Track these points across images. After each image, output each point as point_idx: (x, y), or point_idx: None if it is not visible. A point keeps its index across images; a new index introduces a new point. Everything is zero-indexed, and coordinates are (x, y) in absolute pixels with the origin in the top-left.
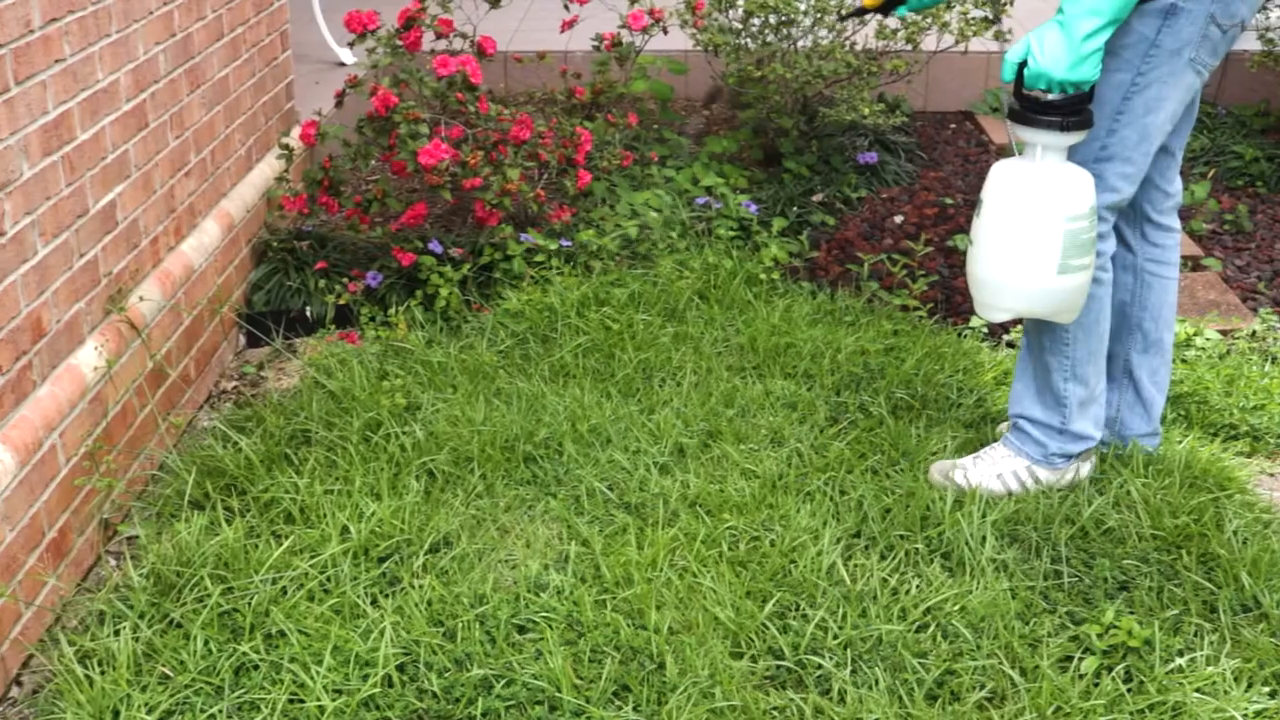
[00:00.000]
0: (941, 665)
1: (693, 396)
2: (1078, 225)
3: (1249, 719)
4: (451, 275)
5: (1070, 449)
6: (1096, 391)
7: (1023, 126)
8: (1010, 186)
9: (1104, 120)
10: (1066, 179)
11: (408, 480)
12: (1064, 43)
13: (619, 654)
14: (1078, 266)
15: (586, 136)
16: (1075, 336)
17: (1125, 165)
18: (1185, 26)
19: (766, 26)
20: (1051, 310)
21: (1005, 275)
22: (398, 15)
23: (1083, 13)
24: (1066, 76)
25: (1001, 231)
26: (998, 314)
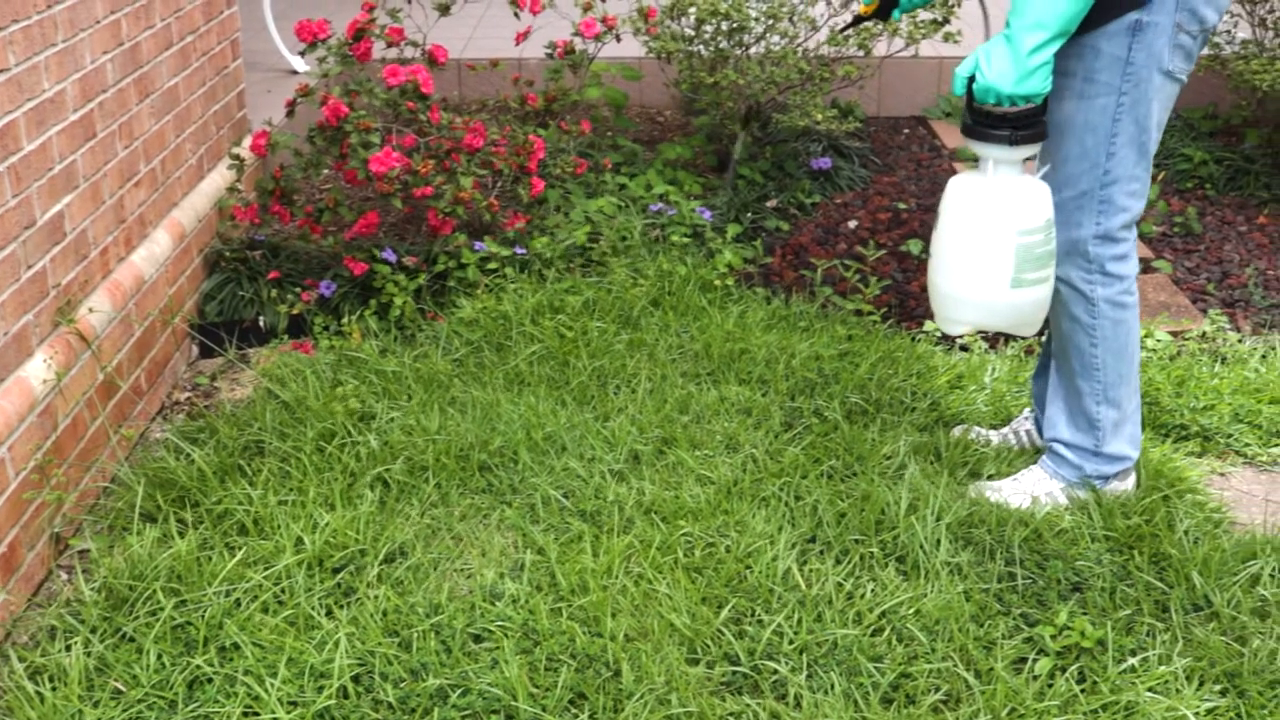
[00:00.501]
0: (897, 668)
1: (647, 403)
2: (1031, 239)
3: (1200, 717)
4: (406, 284)
5: (1106, 470)
6: (1129, 410)
7: (974, 141)
8: (963, 200)
9: (1101, 146)
10: (1020, 192)
11: (362, 490)
12: (1010, 57)
13: (575, 662)
14: (1033, 280)
15: (540, 144)
16: (1105, 361)
17: (1130, 183)
18: (1154, 40)
19: (719, 33)
20: (1009, 324)
21: (960, 288)
22: (348, 25)
23: (1027, 27)
24: (1014, 90)
25: (955, 245)
26: (955, 326)
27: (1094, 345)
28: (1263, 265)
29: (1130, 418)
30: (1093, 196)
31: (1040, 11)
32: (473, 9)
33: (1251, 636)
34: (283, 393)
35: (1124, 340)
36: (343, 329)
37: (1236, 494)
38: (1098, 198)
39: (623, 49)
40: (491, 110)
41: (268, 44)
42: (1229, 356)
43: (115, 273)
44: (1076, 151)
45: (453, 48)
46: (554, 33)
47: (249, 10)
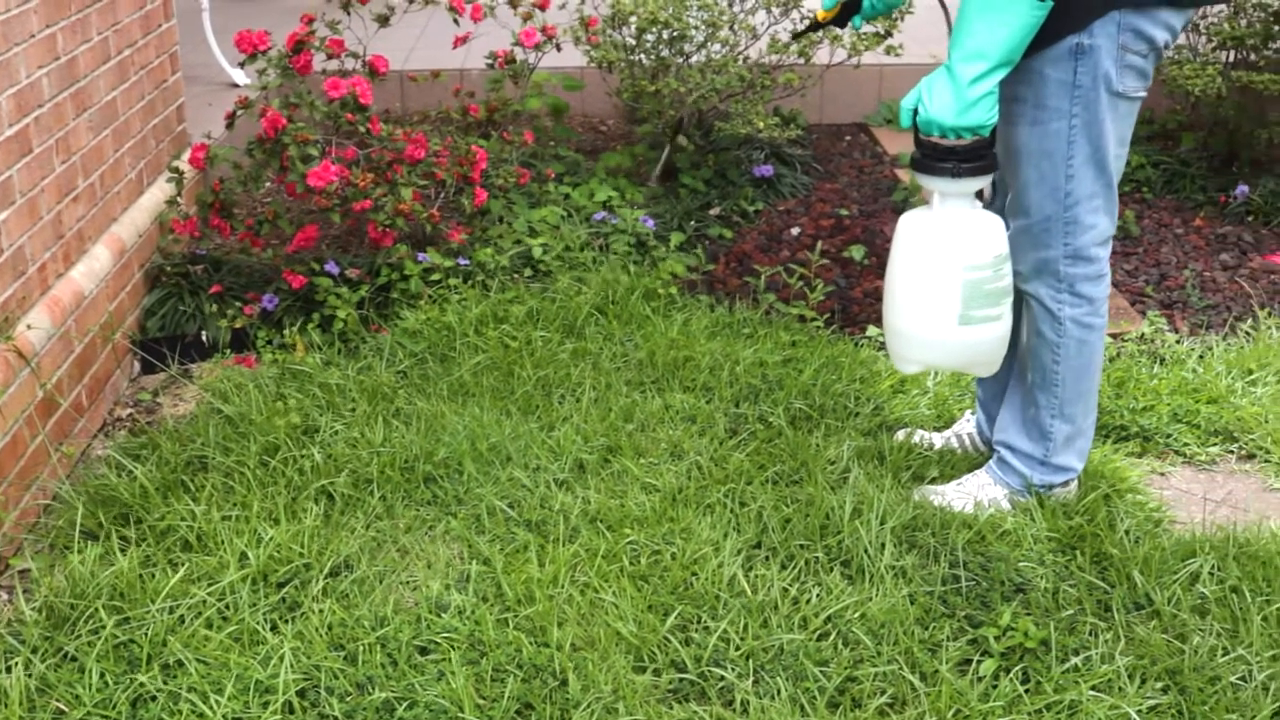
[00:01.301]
0: (843, 672)
1: (592, 412)
2: (979, 274)
3: (1143, 715)
4: (349, 296)
5: (1051, 480)
6: (1083, 426)
7: (920, 174)
8: (911, 235)
9: (1059, 170)
10: (967, 226)
11: (306, 504)
12: (951, 89)
13: (521, 672)
14: (983, 318)
15: (482, 155)
16: (1065, 379)
17: (1092, 200)
18: (1099, 61)
19: (660, 42)
20: (961, 362)
21: (909, 325)
22: (287, 37)
23: (966, 57)
24: (957, 123)
25: (903, 281)
26: (908, 365)
27: (1056, 362)
28: (1199, 267)
29: (1083, 433)
30: (1058, 219)
31: (979, 41)
32: (415, 20)
33: (1192, 634)
34: (225, 407)
35: (1087, 360)
36: (286, 342)
37: (1176, 493)
38: (1063, 220)
39: (564, 59)
40: (434, 121)
41: (208, 57)
42: (1167, 357)
43: (54, 289)
44: (1035, 177)
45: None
46: (495, 42)
47: (189, 23)
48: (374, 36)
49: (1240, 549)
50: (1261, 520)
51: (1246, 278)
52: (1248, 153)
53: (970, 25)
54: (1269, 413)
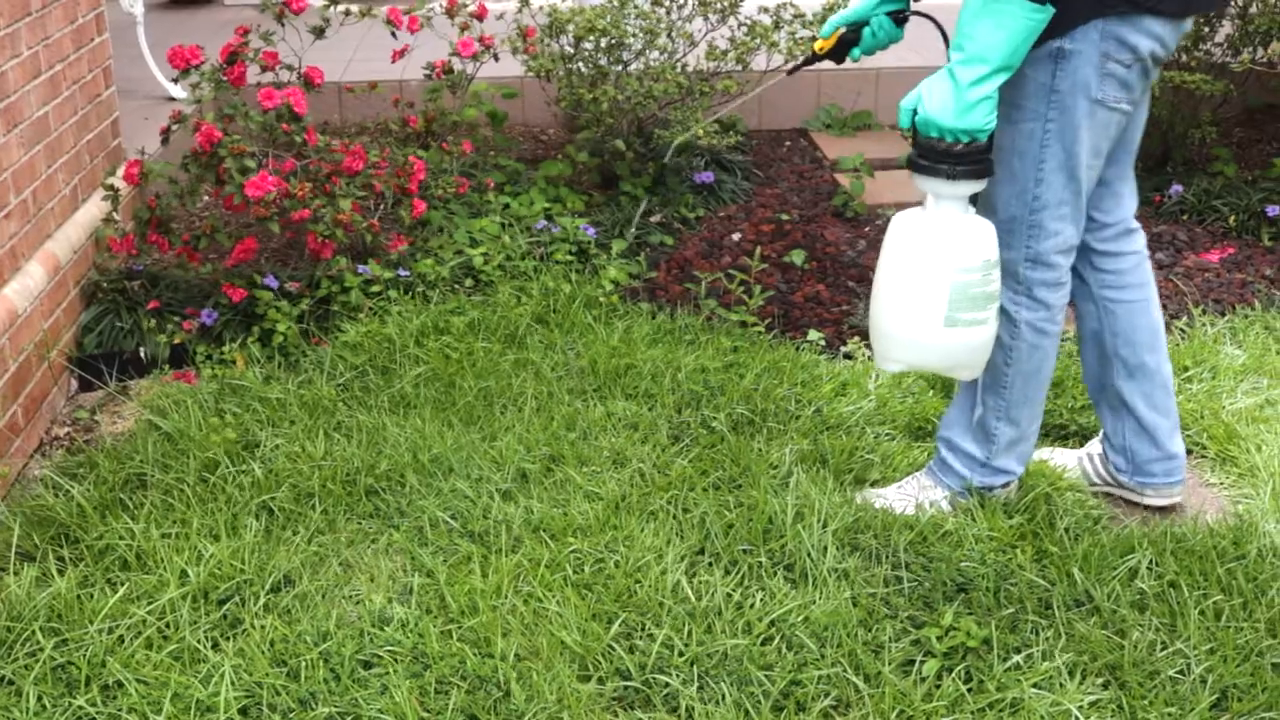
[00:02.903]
0: (787, 676)
1: (534, 421)
2: (968, 278)
3: (1084, 711)
4: (288, 310)
5: (992, 482)
6: (1027, 431)
7: (916, 175)
8: (902, 234)
9: (1029, 171)
10: (959, 229)
11: (247, 520)
12: (951, 91)
13: (465, 684)
14: (969, 320)
15: (420, 165)
16: (1014, 382)
17: (1060, 208)
18: (1079, 67)
19: (598, 50)
20: (945, 365)
21: (893, 325)
22: (221, 49)
23: (967, 60)
24: (955, 125)
25: (891, 280)
26: (890, 365)
27: (1007, 365)
28: None
29: (1027, 437)
30: (1022, 221)
31: (980, 45)
32: (352, 32)
33: (1131, 629)
34: (164, 424)
35: (1037, 365)
36: (225, 357)
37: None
38: (1027, 222)
39: (503, 68)
40: (372, 133)
41: (144, 71)
42: None
43: None
44: (1005, 176)
45: (333, 71)
46: (434, 53)
47: (124, 37)
48: (313, 49)
49: (1177, 544)
50: (1198, 515)
51: (1181, 276)
52: (1181, 152)
53: (970, 29)
54: (1204, 409)
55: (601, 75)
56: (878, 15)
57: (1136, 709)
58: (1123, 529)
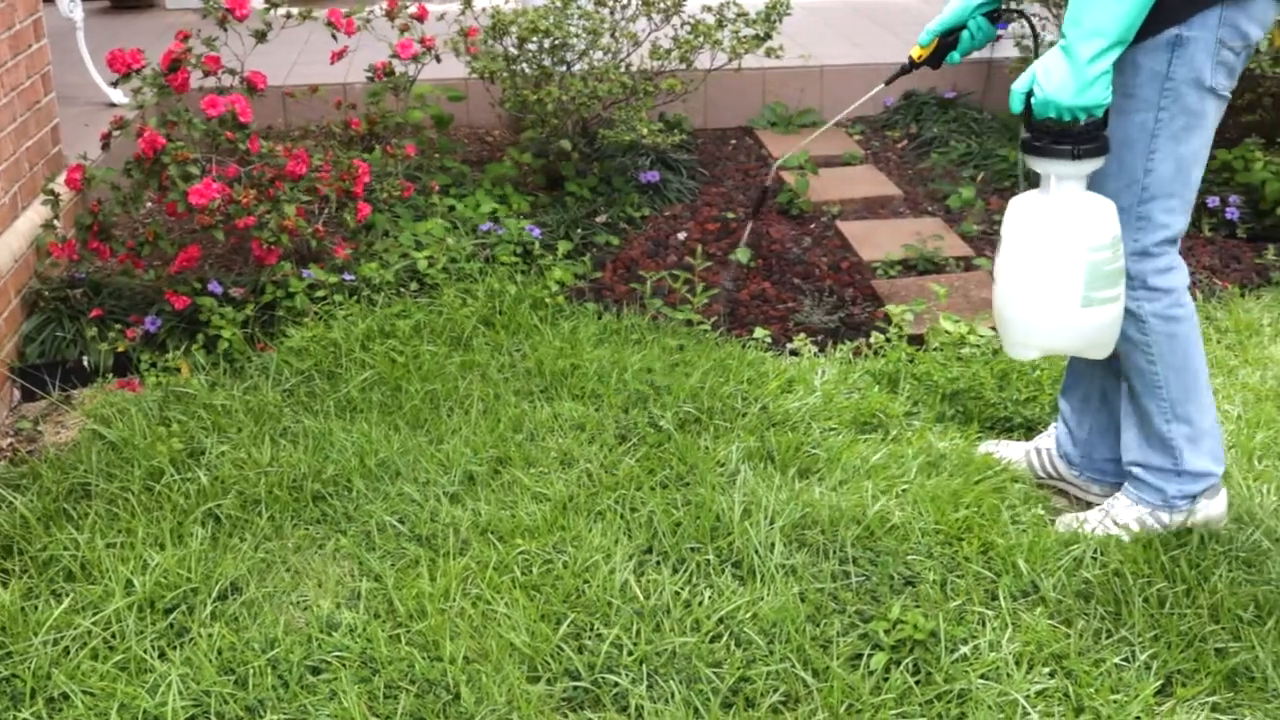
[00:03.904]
0: (736, 673)
1: (481, 424)
2: (1100, 256)
3: (1031, 700)
4: (233, 316)
5: (1190, 489)
6: (1204, 426)
7: (1035, 157)
8: (1027, 220)
9: (1138, 162)
10: (1086, 208)
11: (193, 527)
12: (1069, 68)
13: (414, 688)
14: (1104, 299)
15: (364, 169)
16: (1166, 378)
17: (1169, 200)
18: (1195, 55)
19: (542, 50)
20: (1081, 345)
21: (1028, 312)
22: (163, 55)
23: (1085, 35)
24: (1075, 102)
25: (1021, 266)
26: (1026, 351)
27: (1152, 363)
28: None
29: (1208, 432)
30: (1131, 213)
31: (1097, 19)
32: (295, 35)
33: (1077, 618)
34: (108, 433)
35: (1182, 354)
36: (170, 365)
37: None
38: (1136, 214)
39: (448, 70)
40: (316, 136)
41: (84, 77)
42: None
43: None
44: (1113, 168)
45: (276, 75)
46: (376, 55)
47: (63, 43)
48: (256, 53)
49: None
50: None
51: None
52: None
53: (1088, 3)
54: None
55: (545, 76)
56: (975, 18)
57: (1083, 697)
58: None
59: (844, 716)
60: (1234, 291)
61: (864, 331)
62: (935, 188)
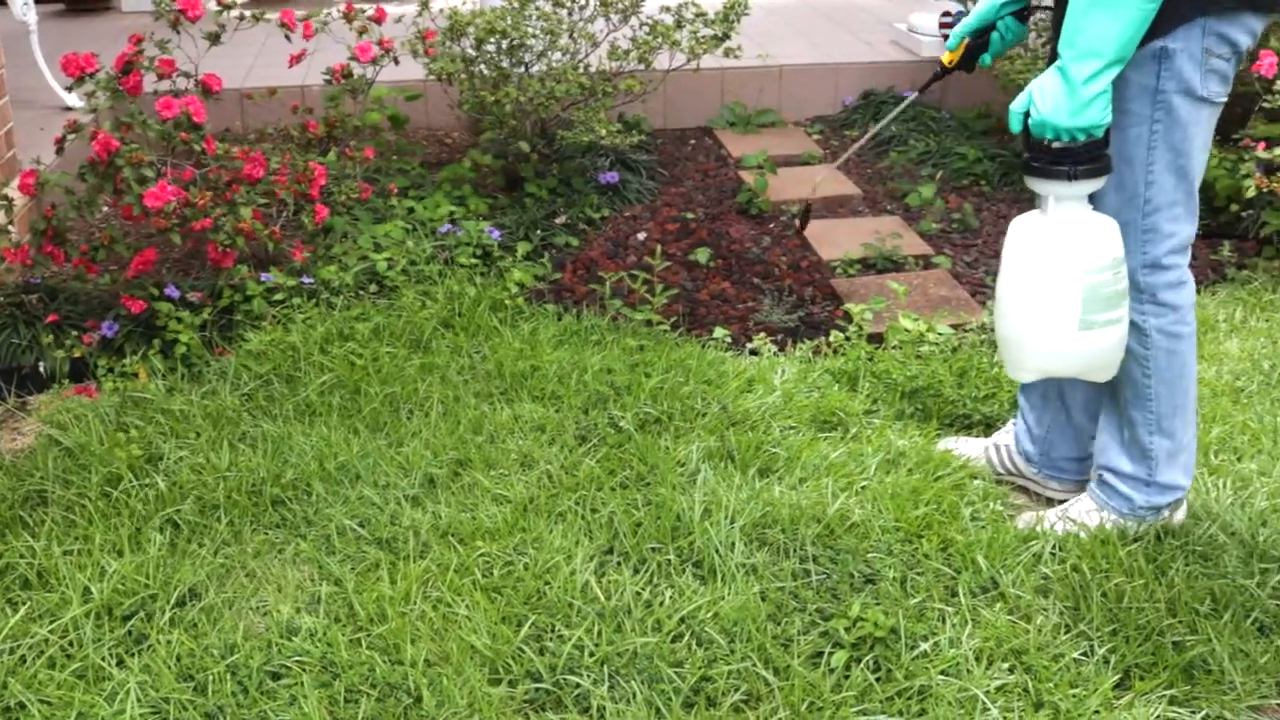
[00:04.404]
0: (697, 672)
1: (441, 426)
2: (1099, 278)
3: (990, 696)
4: (190, 320)
5: (1158, 501)
6: (1184, 441)
7: (1033, 178)
8: (1025, 240)
9: (1139, 176)
10: (1085, 229)
11: (151, 534)
12: (1064, 89)
13: (375, 692)
14: (1103, 322)
15: (321, 171)
16: (1158, 392)
17: (1173, 209)
18: (1183, 66)
19: (500, 51)
20: (1080, 368)
21: (1026, 333)
22: (116, 58)
23: (1080, 55)
24: (1072, 124)
25: (1019, 287)
26: (1024, 374)
27: (1147, 376)
28: None
29: (1185, 448)
30: (1136, 227)
31: (1092, 39)
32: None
33: (1036, 613)
34: (65, 439)
35: (1178, 370)
36: (127, 370)
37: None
38: (1141, 227)
39: (406, 72)
40: (273, 139)
41: (39, 81)
42: None
43: None
44: (1114, 183)
45: (234, 77)
46: (334, 58)
47: (17, 47)
48: (213, 56)
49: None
50: None
51: None
52: None
53: (1082, 23)
54: None
55: (503, 77)
56: (1003, 18)
57: (1042, 692)
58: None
59: (805, 714)
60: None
61: (824, 330)
62: (894, 186)
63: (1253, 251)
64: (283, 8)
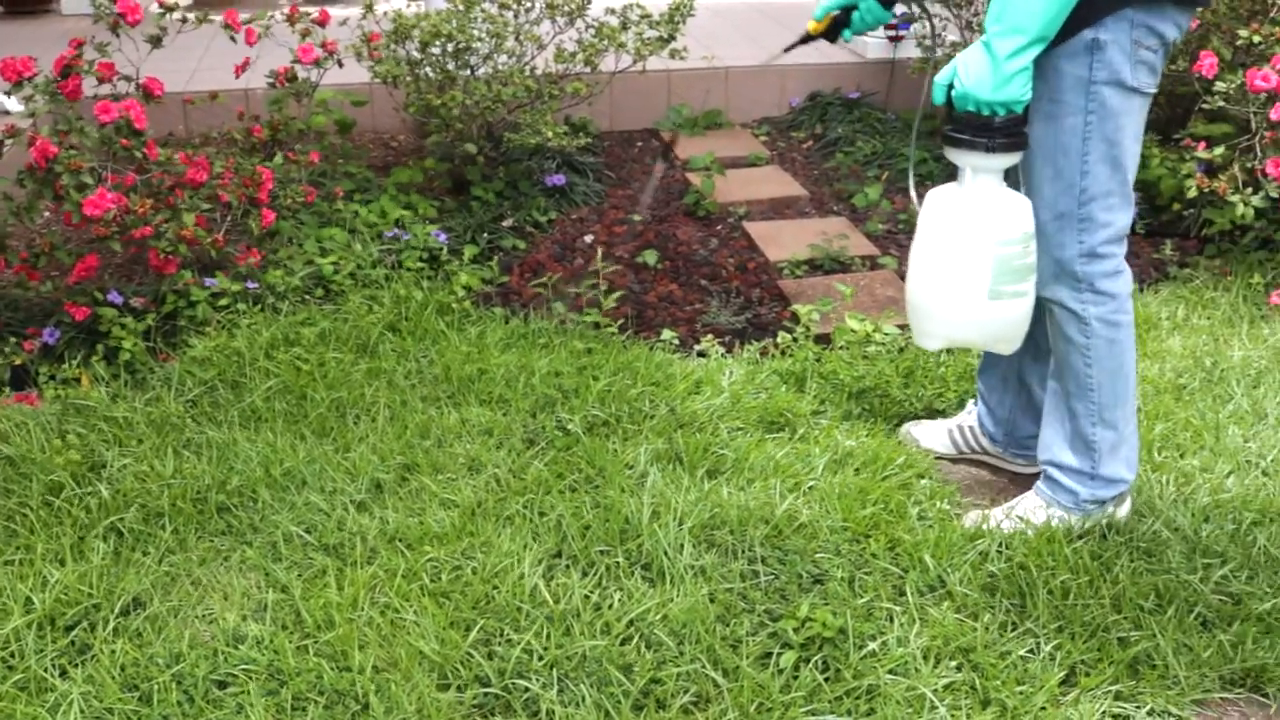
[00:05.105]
0: (646, 675)
1: (388, 431)
2: (1009, 250)
3: (938, 694)
4: (134, 326)
5: (1102, 494)
6: (1126, 433)
7: (952, 149)
8: (940, 210)
9: (1074, 165)
10: (999, 203)
11: (94, 542)
12: (988, 64)
13: (323, 699)
14: (1011, 293)
15: (268, 175)
16: (1100, 382)
17: (1108, 199)
18: (1114, 57)
19: (445, 54)
20: (987, 338)
21: (935, 300)
22: (54, 61)
23: (1005, 32)
24: (993, 98)
25: (932, 256)
26: (931, 341)
27: (1088, 365)
28: None
29: (1127, 440)
30: (1072, 216)
31: (1018, 16)
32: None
33: (983, 611)
34: (5, 448)
35: (1119, 360)
36: (69, 377)
37: (965, 475)
38: (1077, 216)
39: (351, 75)
40: (217, 143)
41: None
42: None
43: None
44: (1050, 173)
45: (177, 81)
46: (279, 61)
47: None
48: (156, 59)
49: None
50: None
51: None
52: None
53: (1009, 0)
54: None
55: (449, 80)
56: (866, 1)
57: (989, 689)
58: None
59: (754, 715)
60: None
61: (771, 332)
62: (841, 187)
63: (1194, 250)
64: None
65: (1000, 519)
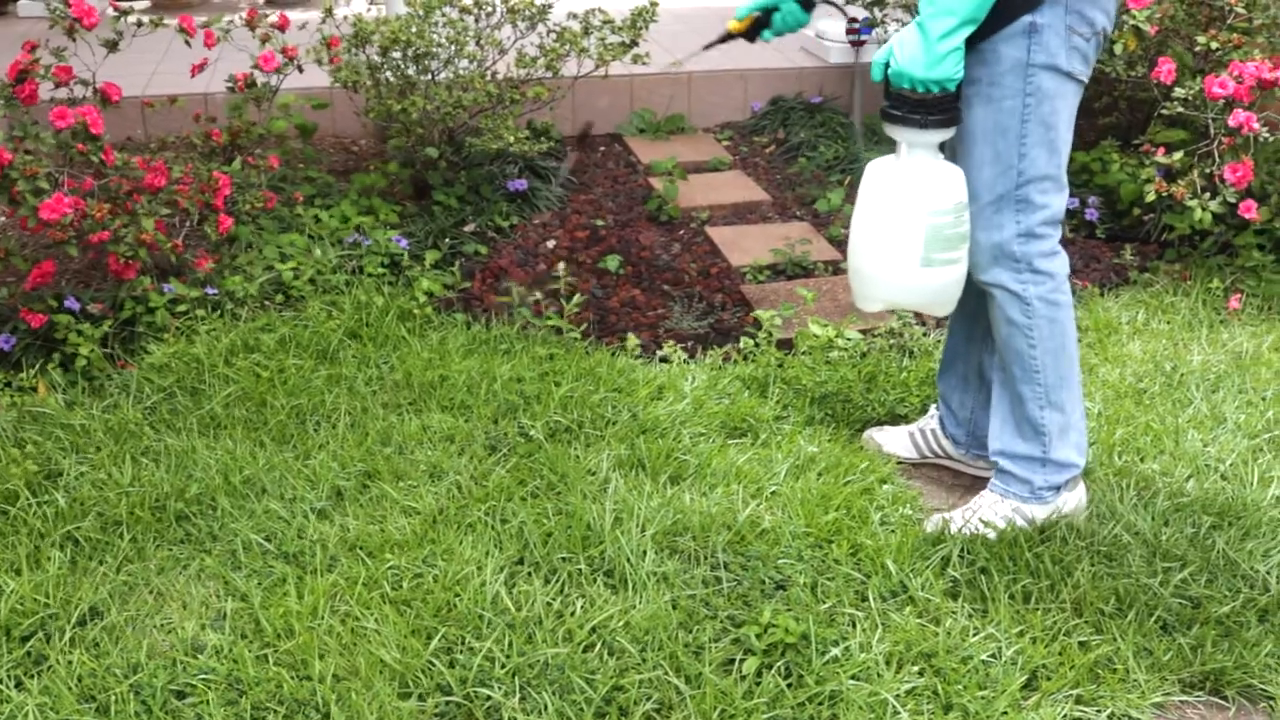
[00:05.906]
0: (609, 682)
1: (349, 438)
2: (941, 220)
3: (901, 699)
4: (91, 332)
5: (1055, 479)
6: (1073, 417)
7: (889, 124)
8: (878, 181)
9: (1012, 148)
10: (932, 174)
11: (50, 551)
12: (921, 43)
13: (283, 708)
14: (943, 260)
15: (226, 181)
16: (1044, 363)
17: (1043, 182)
18: (1049, 41)
19: (406, 59)
20: (921, 302)
21: (872, 266)
22: (9, 66)
23: (937, 13)
24: (926, 76)
25: (869, 224)
26: (870, 304)
27: (1032, 346)
28: None
29: (1075, 425)
30: (1009, 198)
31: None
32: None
33: (945, 616)
34: None
35: (1060, 340)
36: (25, 384)
37: (926, 480)
38: (1014, 198)
39: (312, 79)
40: (176, 148)
41: None
42: (915, 350)
43: None
44: (989, 155)
45: (136, 85)
46: (238, 65)
47: None
48: (116, 63)
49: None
50: None
51: None
52: None
53: None
54: None
55: (410, 85)
56: (787, 1)
57: (951, 694)
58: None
59: None
60: (1093, 291)
61: (733, 337)
62: (803, 192)
63: (1154, 255)
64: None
65: (960, 522)
